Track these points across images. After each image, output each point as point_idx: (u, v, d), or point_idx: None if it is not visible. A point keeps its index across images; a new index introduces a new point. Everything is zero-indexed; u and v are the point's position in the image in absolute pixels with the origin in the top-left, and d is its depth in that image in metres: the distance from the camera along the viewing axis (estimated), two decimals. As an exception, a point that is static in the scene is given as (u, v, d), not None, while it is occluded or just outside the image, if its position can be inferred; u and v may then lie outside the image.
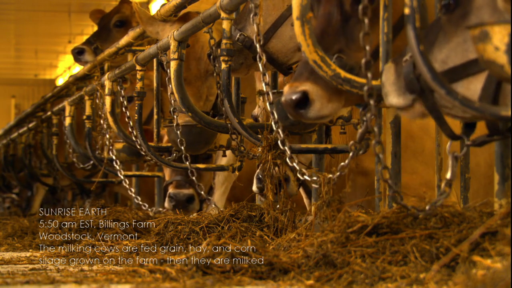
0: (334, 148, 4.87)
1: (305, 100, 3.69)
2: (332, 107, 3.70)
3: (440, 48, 3.12)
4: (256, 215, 4.75)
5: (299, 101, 3.68)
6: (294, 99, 3.69)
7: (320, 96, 3.67)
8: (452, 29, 3.10)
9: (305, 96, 3.68)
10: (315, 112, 3.67)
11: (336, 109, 3.75)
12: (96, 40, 9.32)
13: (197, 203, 6.84)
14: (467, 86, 3.05)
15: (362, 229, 3.47)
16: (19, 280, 3.66)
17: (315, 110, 3.68)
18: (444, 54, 3.11)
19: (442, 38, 3.13)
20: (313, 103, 3.67)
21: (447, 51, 3.11)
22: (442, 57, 3.12)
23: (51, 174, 11.02)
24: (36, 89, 24.38)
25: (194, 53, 6.23)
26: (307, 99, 3.68)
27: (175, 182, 6.92)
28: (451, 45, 3.11)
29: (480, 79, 3.03)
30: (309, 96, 3.67)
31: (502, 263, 2.69)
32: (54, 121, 10.00)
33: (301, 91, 3.68)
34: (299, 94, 3.68)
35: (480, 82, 3.03)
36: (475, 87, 3.04)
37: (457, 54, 3.08)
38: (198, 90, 6.20)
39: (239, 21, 4.86)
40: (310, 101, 3.67)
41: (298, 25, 3.66)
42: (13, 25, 18.47)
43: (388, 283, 3.09)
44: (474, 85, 3.04)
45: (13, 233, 6.94)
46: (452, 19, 3.09)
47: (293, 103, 3.69)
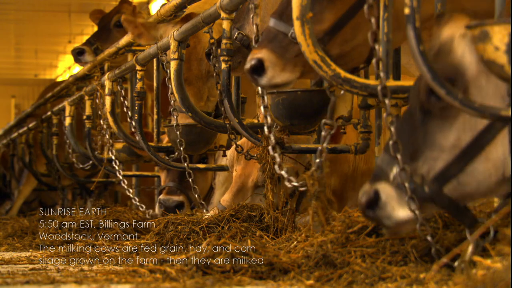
0: (334, 148, 4.87)
1: (261, 67, 3.75)
2: (285, 76, 3.75)
3: (444, 134, 3.10)
4: (256, 215, 4.75)
5: (254, 68, 3.75)
6: (249, 66, 3.77)
7: (273, 63, 3.74)
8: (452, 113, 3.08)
9: (261, 63, 3.74)
10: (267, 80, 3.75)
11: (290, 79, 3.79)
12: (96, 41, 9.32)
13: (187, 210, 6.85)
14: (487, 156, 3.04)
15: (362, 229, 3.48)
16: (19, 280, 3.66)
17: (267, 77, 3.75)
18: (454, 138, 3.09)
19: (440, 127, 3.11)
20: (267, 70, 3.74)
21: (456, 133, 3.09)
22: (452, 141, 3.09)
23: (51, 174, 11.02)
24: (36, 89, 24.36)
25: (196, 54, 6.23)
26: (262, 66, 3.74)
27: (167, 188, 6.95)
28: (458, 126, 3.09)
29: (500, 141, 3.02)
30: (264, 63, 3.74)
31: (502, 263, 2.69)
32: (54, 121, 10.00)
33: (257, 58, 3.75)
34: (255, 60, 3.75)
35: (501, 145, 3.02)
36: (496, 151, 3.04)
37: (466, 132, 3.07)
38: (199, 91, 6.20)
39: (237, 20, 4.86)
40: (265, 68, 3.74)
41: (298, 25, 3.66)
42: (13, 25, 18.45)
43: (388, 283, 3.09)
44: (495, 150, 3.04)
45: (13, 233, 6.94)
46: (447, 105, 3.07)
47: (250, 69, 3.77)
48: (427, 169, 3.11)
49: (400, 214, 3.13)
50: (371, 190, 3.19)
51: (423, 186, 3.09)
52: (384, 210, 3.15)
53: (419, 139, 3.15)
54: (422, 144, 3.14)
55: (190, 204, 6.91)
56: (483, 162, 3.04)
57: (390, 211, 3.14)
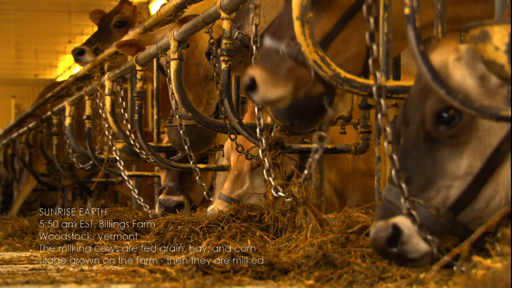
0: (334, 148, 4.87)
1: (254, 84, 3.84)
2: (277, 91, 3.82)
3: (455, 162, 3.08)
4: (256, 215, 4.75)
5: (248, 86, 3.85)
6: (245, 84, 3.86)
7: (265, 80, 3.82)
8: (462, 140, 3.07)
9: (253, 81, 3.84)
10: (260, 96, 3.84)
11: (282, 94, 3.84)
12: (96, 41, 9.33)
13: (187, 210, 6.86)
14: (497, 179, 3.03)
15: (362, 229, 3.48)
16: (19, 280, 3.66)
17: (260, 94, 3.84)
18: (466, 165, 3.08)
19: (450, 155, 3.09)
20: (259, 87, 3.82)
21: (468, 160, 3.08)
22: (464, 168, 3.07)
23: (51, 174, 11.02)
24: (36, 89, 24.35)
25: (194, 59, 6.24)
26: (255, 83, 3.84)
27: (167, 188, 6.96)
28: (468, 153, 3.08)
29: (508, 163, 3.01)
30: (255, 80, 3.82)
31: (502, 263, 2.69)
32: (54, 121, 10.00)
33: (250, 76, 3.85)
34: (248, 79, 3.85)
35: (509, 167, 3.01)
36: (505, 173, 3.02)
37: (476, 158, 3.05)
38: (198, 96, 6.22)
39: (237, 19, 4.86)
40: (257, 85, 3.83)
41: (298, 25, 3.66)
42: (13, 25, 18.45)
43: (388, 283, 3.09)
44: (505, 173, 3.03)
45: (13, 233, 6.95)
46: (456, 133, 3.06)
47: (245, 87, 3.87)
48: (442, 199, 3.07)
49: (424, 245, 3.08)
50: (388, 225, 3.11)
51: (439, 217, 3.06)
52: (410, 244, 3.09)
53: (428, 168, 3.10)
54: (433, 173, 3.09)
55: (190, 204, 6.92)
56: (493, 185, 3.04)
57: (416, 243, 3.08)
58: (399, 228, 3.09)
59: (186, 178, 6.97)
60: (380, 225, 3.13)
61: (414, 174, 3.11)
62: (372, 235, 3.16)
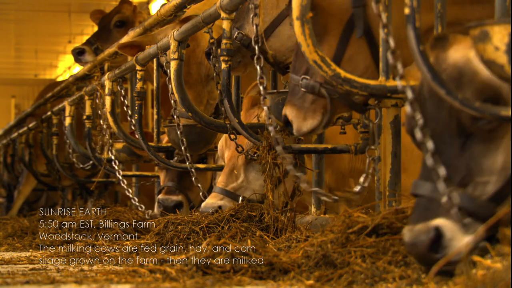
0: (334, 148, 4.87)
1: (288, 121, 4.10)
2: (308, 124, 4.04)
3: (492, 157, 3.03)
4: (256, 215, 4.75)
5: (285, 122, 4.14)
6: (282, 121, 4.17)
7: (295, 116, 4.05)
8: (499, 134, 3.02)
9: (286, 119, 4.10)
10: (296, 131, 4.08)
11: (314, 125, 4.05)
12: (96, 41, 9.32)
13: (186, 210, 6.86)
14: None
15: (362, 229, 3.47)
16: (19, 280, 3.66)
17: (295, 129, 4.07)
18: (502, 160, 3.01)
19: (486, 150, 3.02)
20: (293, 124, 4.06)
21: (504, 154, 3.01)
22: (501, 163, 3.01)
23: (51, 174, 11.02)
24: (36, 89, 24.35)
25: (195, 58, 6.24)
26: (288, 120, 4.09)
27: (166, 188, 6.97)
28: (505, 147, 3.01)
29: None
30: (288, 118, 4.07)
31: (502, 263, 2.69)
32: (54, 121, 10.00)
33: (283, 114, 4.11)
34: (283, 117, 4.11)
35: None
36: None
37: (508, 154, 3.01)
38: (198, 95, 6.22)
39: (237, 19, 4.86)
40: (290, 122, 4.08)
41: (298, 25, 3.66)
42: (13, 25, 18.44)
43: (388, 283, 3.09)
44: None
45: (13, 233, 6.95)
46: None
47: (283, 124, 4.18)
48: (479, 194, 2.99)
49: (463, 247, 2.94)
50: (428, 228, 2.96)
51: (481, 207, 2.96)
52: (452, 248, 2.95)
53: (462, 164, 3.02)
54: (469, 169, 3.01)
55: (189, 203, 6.92)
56: None
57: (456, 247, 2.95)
58: (441, 231, 2.96)
59: (185, 178, 6.97)
60: (419, 229, 2.98)
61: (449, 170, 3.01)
62: (410, 239, 3.00)
